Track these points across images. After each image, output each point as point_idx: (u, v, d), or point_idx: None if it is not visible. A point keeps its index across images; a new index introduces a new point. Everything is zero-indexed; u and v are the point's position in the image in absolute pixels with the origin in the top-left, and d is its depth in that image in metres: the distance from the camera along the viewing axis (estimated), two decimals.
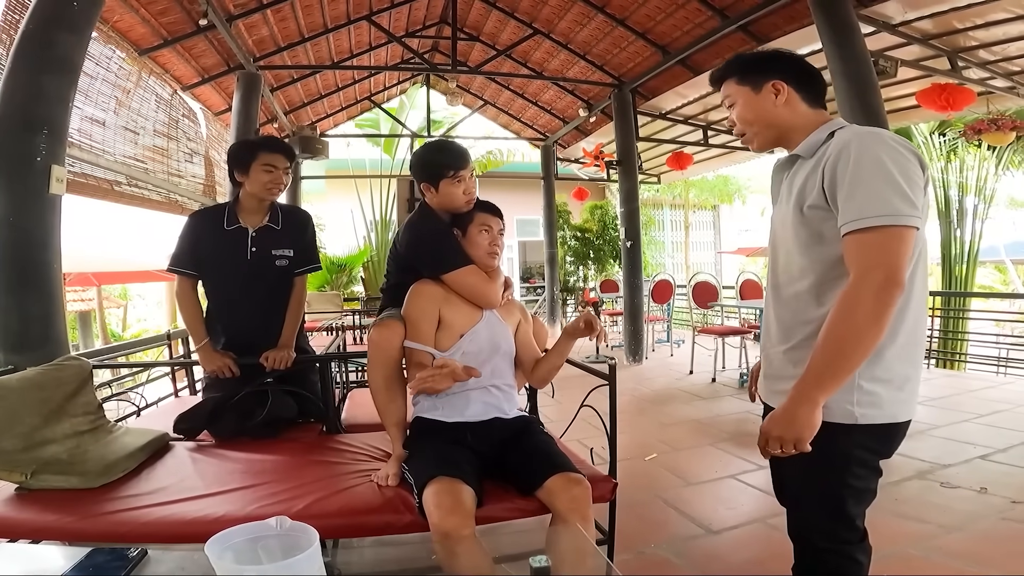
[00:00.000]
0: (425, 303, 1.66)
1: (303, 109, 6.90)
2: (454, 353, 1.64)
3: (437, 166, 1.71)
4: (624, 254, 6.12)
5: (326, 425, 2.10)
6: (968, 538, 2.00)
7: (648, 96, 6.18)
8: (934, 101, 3.78)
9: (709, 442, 3.17)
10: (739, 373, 4.82)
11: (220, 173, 5.24)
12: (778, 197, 1.22)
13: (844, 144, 1.02)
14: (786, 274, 1.15)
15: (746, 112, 1.19)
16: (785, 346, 1.13)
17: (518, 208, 12.08)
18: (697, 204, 13.77)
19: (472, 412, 1.65)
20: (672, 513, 2.30)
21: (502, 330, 1.73)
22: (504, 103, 8.28)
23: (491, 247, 1.71)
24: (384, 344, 1.62)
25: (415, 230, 1.76)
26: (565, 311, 9.89)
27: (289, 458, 1.79)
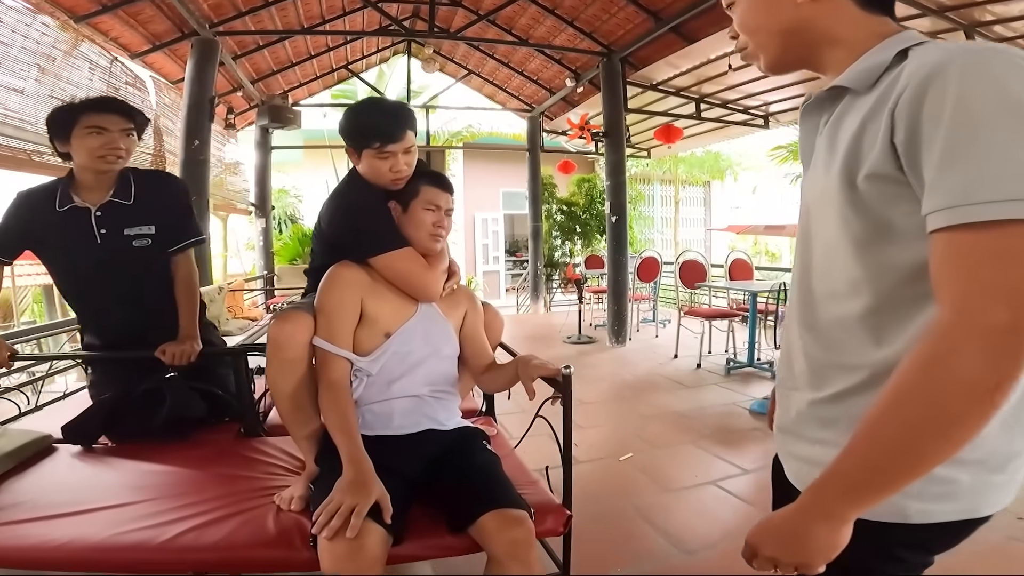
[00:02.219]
0: (343, 291, 1.38)
1: (273, 78, 6.52)
2: (378, 358, 1.39)
3: (359, 133, 1.43)
4: (609, 229, 5.87)
5: (245, 426, 1.84)
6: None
7: (638, 66, 5.85)
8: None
9: (690, 439, 2.99)
10: (726, 359, 4.64)
11: (173, 142, 4.92)
12: (812, 157, 0.76)
13: (934, 69, 0.56)
14: (824, 283, 0.72)
15: (748, 13, 0.77)
16: (813, 395, 0.73)
17: (503, 180, 11.80)
18: (687, 180, 13.48)
19: (400, 423, 1.41)
20: (644, 527, 2.11)
21: (442, 328, 1.48)
22: (489, 73, 7.89)
23: (435, 228, 1.44)
24: (285, 342, 1.35)
25: (339, 202, 1.49)
26: (550, 286, 9.67)
27: (191, 468, 1.56)
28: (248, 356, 1.83)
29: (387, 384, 1.41)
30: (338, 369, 1.37)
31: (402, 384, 1.42)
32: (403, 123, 1.43)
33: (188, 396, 1.78)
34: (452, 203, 1.49)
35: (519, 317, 8.64)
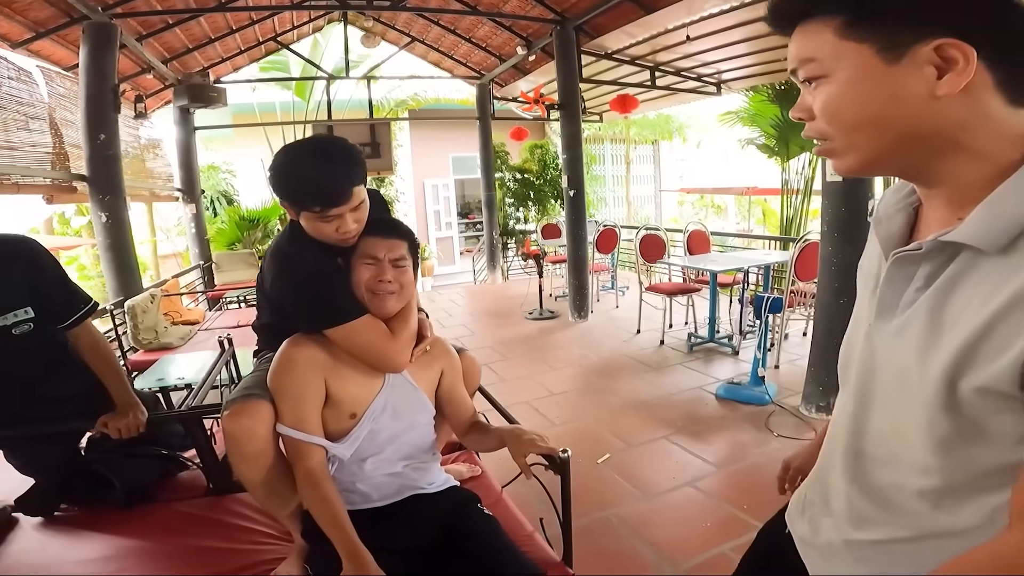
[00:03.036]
0: (304, 375, 1.21)
1: (190, 55, 5.89)
2: (352, 443, 1.26)
3: (293, 196, 1.21)
4: (567, 203, 5.75)
5: (212, 482, 1.69)
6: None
7: (593, 35, 5.61)
8: None
9: (663, 433, 3.00)
10: (687, 334, 4.70)
11: (76, 134, 4.36)
12: (893, 306, 0.62)
13: None
14: (883, 451, 0.66)
15: (855, 102, 0.55)
16: (851, 535, 0.70)
17: (453, 146, 11.44)
18: (638, 140, 13.45)
19: (380, 496, 1.30)
20: (633, 542, 2.10)
21: (415, 399, 1.33)
22: (434, 39, 7.39)
23: (376, 284, 1.22)
24: (245, 437, 1.19)
25: (283, 265, 1.28)
26: (506, 255, 9.55)
27: (168, 539, 1.45)
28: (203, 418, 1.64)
29: (358, 464, 1.29)
30: (314, 457, 1.23)
31: (374, 463, 1.30)
32: (347, 178, 1.19)
33: (136, 466, 1.61)
34: (400, 250, 1.25)
35: (477, 288, 8.51)
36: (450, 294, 7.58)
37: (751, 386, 3.43)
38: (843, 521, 0.72)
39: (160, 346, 3.51)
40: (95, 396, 1.58)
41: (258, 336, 1.49)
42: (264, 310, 1.44)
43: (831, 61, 0.55)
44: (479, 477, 1.77)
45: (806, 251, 4.02)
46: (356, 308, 1.22)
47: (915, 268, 0.59)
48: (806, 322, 4.65)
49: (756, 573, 1.06)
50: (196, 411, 1.63)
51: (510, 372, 4.18)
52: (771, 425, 3.02)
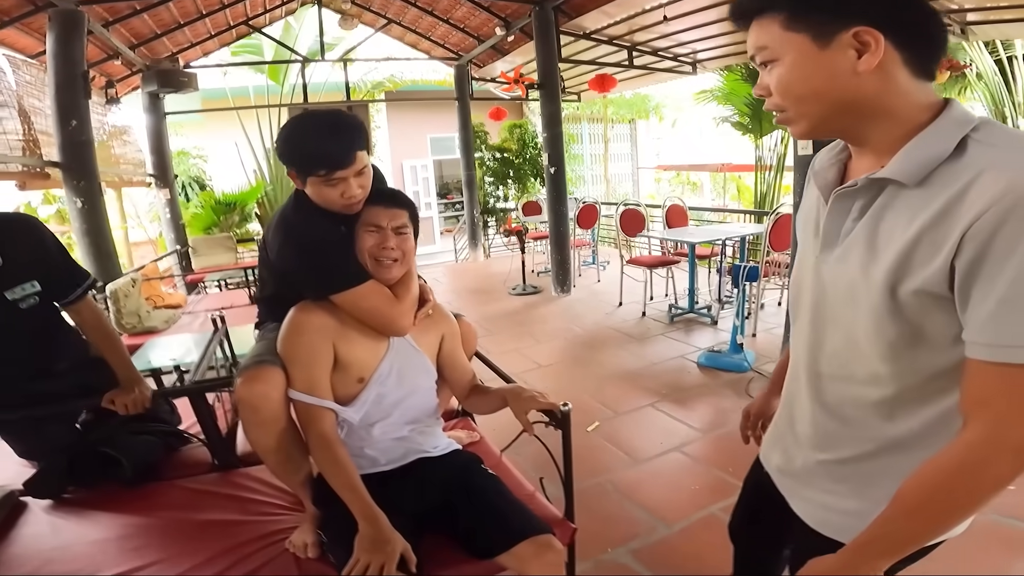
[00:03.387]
0: (314, 339, 1.26)
1: (158, 41, 5.70)
2: (360, 407, 1.30)
3: (300, 159, 1.25)
4: (548, 180, 5.79)
5: (217, 458, 1.72)
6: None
7: (572, 15, 5.59)
8: None
9: (648, 401, 3.11)
10: (668, 305, 4.82)
11: (45, 122, 4.24)
12: (837, 240, 0.75)
13: (1018, 201, 0.56)
14: (841, 369, 0.78)
15: (798, 79, 0.68)
16: (824, 455, 0.82)
17: (431, 126, 11.32)
18: (615, 119, 13.48)
19: (387, 460, 1.36)
20: (624, 504, 2.20)
21: (418, 362, 1.38)
22: (411, 21, 7.26)
23: (379, 251, 1.27)
24: (259, 403, 1.23)
25: (288, 233, 1.31)
26: (487, 233, 9.56)
27: (179, 515, 1.47)
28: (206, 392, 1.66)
29: (365, 429, 1.34)
30: (326, 421, 1.27)
31: (382, 427, 1.35)
32: (352, 143, 1.24)
33: (141, 444, 1.63)
34: (402, 219, 1.30)
35: (459, 267, 8.53)
36: (432, 273, 7.58)
37: (731, 354, 3.56)
38: (811, 446, 0.84)
39: (145, 330, 3.48)
40: (90, 373, 1.59)
41: (260, 308, 1.51)
42: (267, 282, 1.46)
43: (779, 48, 0.69)
44: (478, 443, 1.83)
45: (779, 223, 4.15)
46: (361, 273, 1.26)
47: (851, 203, 0.73)
48: (781, 292, 4.81)
49: (749, 528, 1.16)
50: (201, 384, 1.65)
51: (497, 346, 4.25)
52: (751, 391, 3.15)
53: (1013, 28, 4.51)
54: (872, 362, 0.72)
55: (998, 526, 1.90)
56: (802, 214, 0.88)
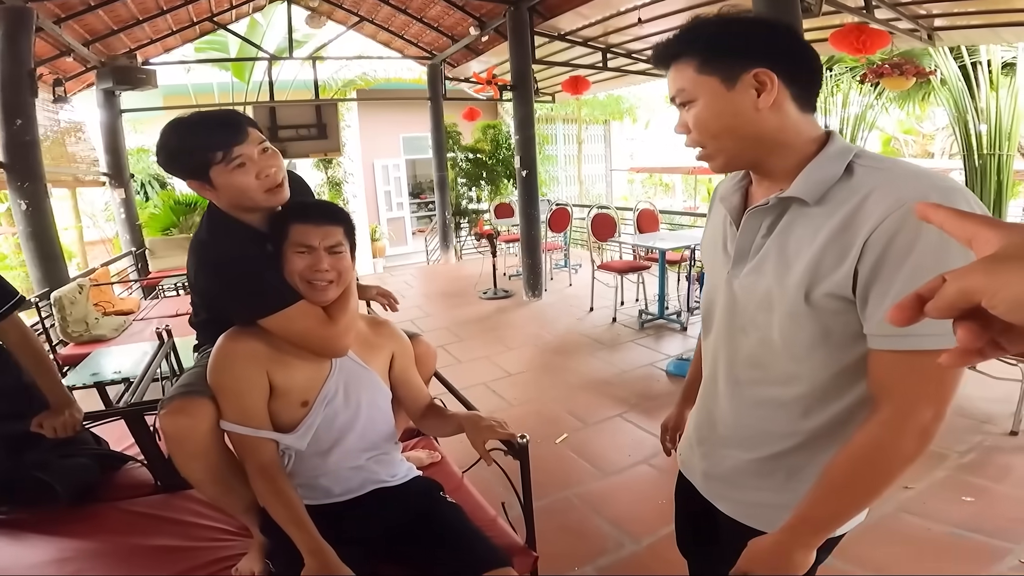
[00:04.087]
0: (243, 369, 1.16)
1: (115, 37, 5.47)
2: (304, 433, 1.21)
3: (191, 152, 1.14)
4: (520, 183, 5.74)
5: (160, 479, 1.61)
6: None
7: (547, 15, 5.54)
8: (849, 43, 3.58)
9: (618, 411, 3.08)
10: (638, 311, 4.82)
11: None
12: (749, 255, 0.82)
13: (908, 212, 0.65)
14: (756, 371, 0.85)
15: (711, 117, 0.77)
16: (750, 455, 0.88)
17: (403, 126, 11.18)
18: (589, 120, 13.50)
19: (342, 491, 1.27)
20: (594, 519, 2.16)
21: (367, 380, 1.29)
22: (384, 19, 7.11)
23: (313, 274, 1.16)
24: (185, 437, 1.14)
25: (205, 256, 1.20)
26: (459, 234, 9.46)
27: (115, 539, 1.38)
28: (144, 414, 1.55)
29: (320, 457, 1.25)
30: (265, 452, 1.18)
31: (337, 456, 1.26)
32: (236, 121, 1.15)
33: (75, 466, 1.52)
34: (336, 236, 1.18)
35: (431, 269, 8.42)
36: (403, 275, 7.46)
37: None
38: (736, 446, 0.90)
39: (92, 339, 3.30)
40: (22, 397, 1.47)
41: (197, 332, 1.41)
42: (198, 308, 1.36)
43: (695, 89, 0.77)
44: (439, 463, 1.76)
45: None
46: (288, 295, 1.16)
47: (760, 221, 0.82)
48: None
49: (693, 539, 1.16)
50: (136, 407, 1.53)
51: (466, 354, 4.17)
52: None
53: (979, 34, 4.59)
54: (787, 363, 0.80)
55: (956, 539, 1.92)
56: (708, 237, 0.97)
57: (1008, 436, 2.56)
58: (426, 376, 1.55)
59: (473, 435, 1.22)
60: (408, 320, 5.12)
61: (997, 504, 2.09)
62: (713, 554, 1.10)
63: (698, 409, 1.00)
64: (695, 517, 1.08)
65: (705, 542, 1.11)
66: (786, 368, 0.81)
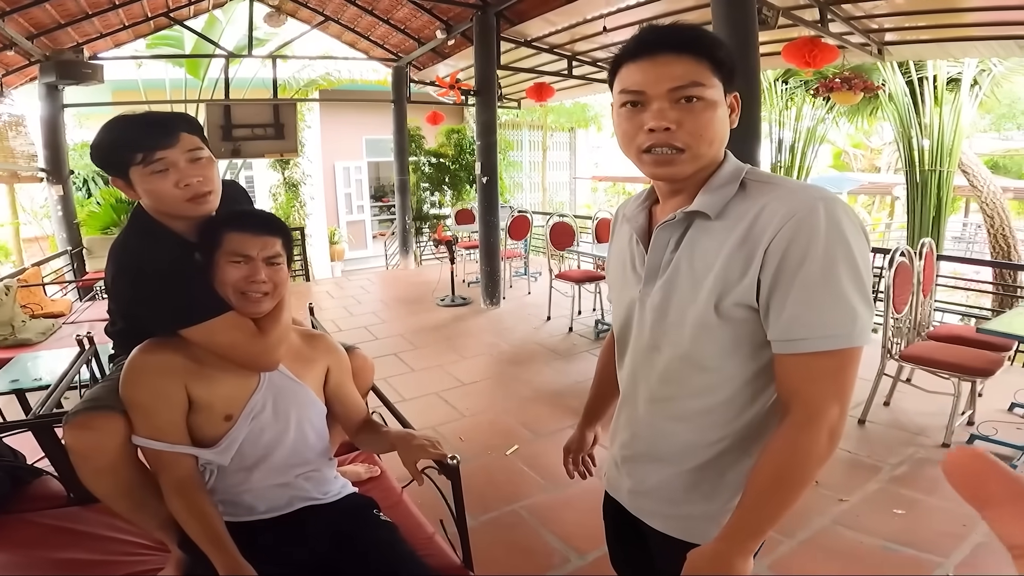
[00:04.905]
0: (158, 383, 1.09)
1: (62, 31, 5.21)
2: (226, 448, 1.14)
3: (114, 149, 1.09)
4: (480, 190, 5.72)
5: (73, 491, 1.51)
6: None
7: (515, 21, 5.54)
8: (800, 56, 3.67)
9: (570, 422, 3.05)
10: (595, 320, 4.84)
11: None
12: (659, 271, 0.84)
13: (804, 219, 0.70)
14: (672, 386, 0.87)
15: (715, 124, 0.77)
16: (675, 468, 0.89)
17: (367, 128, 11.03)
18: (555, 127, 13.60)
19: (268, 508, 1.21)
20: (540, 533, 2.13)
21: (299, 394, 1.23)
22: (349, 19, 6.97)
23: (248, 285, 1.11)
24: (90, 453, 1.07)
25: (124, 261, 1.14)
26: (419, 240, 9.36)
27: (23, 552, 1.30)
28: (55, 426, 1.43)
29: (244, 473, 1.19)
30: (181, 466, 1.11)
31: (263, 472, 1.20)
32: (172, 123, 1.10)
33: None
34: (275, 247, 1.15)
35: (390, 274, 8.28)
36: (360, 280, 7.31)
37: None
38: (663, 460, 0.91)
39: (16, 343, 3.10)
40: None
41: (113, 342, 1.32)
42: (115, 315, 1.27)
43: (712, 91, 0.76)
44: (378, 478, 1.71)
45: None
46: (214, 305, 1.10)
47: (668, 236, 0.83)
48: None
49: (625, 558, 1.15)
50: (45, 419, 1.43)
51: (420, 362, 4.10)
52: None
53: (927, 49, 4.74)
54: (701, 374, 0.82)
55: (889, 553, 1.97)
56: (614, 258, 0.98)
57: (940, 448, 2.65)
58: (363, 390, 1.50)
59: (404, 454, 1.18)
60: (363, 327, 5.01)
61: (928, 517, 2.15)
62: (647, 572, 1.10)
63: (620, 428, 1.00)
64: (625, 536, 1.08)
65: (636, 561, 1.11)
66: (700, 380, 0.83)
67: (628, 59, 0.79)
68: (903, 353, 2.88)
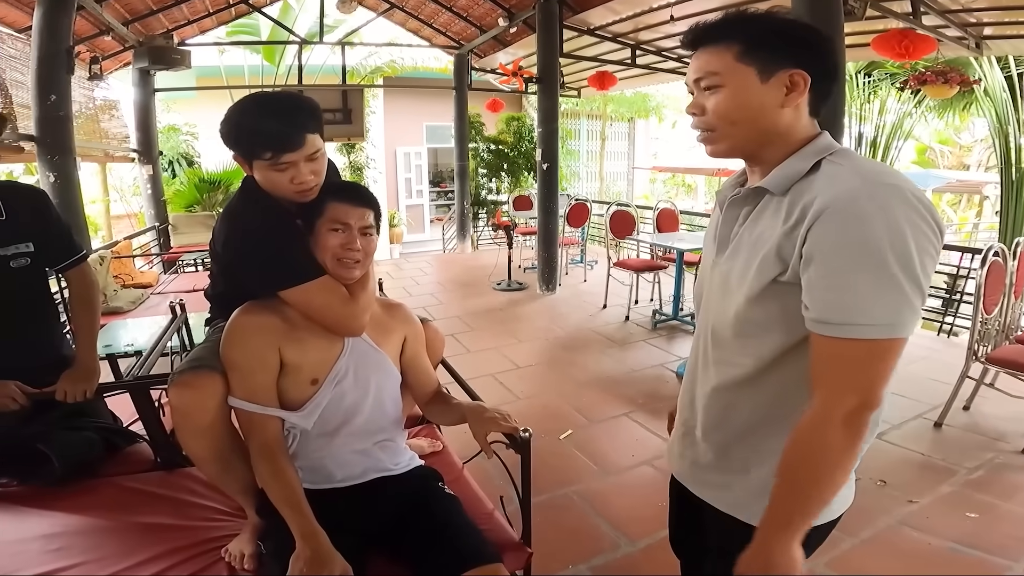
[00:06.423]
0: (256, 343, 1.17)
1: (153, 17, 5.55)
2: (311, 411, 1.21)
3: (244, 142, 1.16)
4: (540, 176, 5.71)
5: (160, 455, 1.62)
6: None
7: (577, 9, 5.48)
8: (892, 48, 3.47)
9: (624, 410, 3.05)
10: (652, 311, 4.77)
11: (24, 95, 4.15)
12: (731, 243, 0.87)
13: (850, 201, 0.70)
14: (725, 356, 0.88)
15: (734, 105, 0.79)
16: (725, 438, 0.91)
17: (427, 114, 11.22)
18: (614, 116, 13.36)
19: (344, 476, 1.27)
20: (592, 518, 2.15)
21: (379, 362, 1.29)
22: (414, 7, 7.10)
23: (345, 251, 1.19)
24: (193, 412, 1.15)
25: (235, 226, 1.23)
26: (476, 225, 9.47)
27: (106, 515, 1.38)
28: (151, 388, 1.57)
29: (326, 438, 1.25)
30: (269, 429, 1.19)
31: (343, 437, 1.26)
32: (301, 124, 1.16)
33: (79, 441, 1.53)
34: (370, 219, 1.23)
35: (446, 257, 8.44)
36: (418, 262, 7.49)
37: None
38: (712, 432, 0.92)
39: (109, 311, 3.37)
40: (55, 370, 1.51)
41: (212, 305, 1.43)
42: (217, 279, 1.38)
43: (728, 76, 0.79)
44: (440, 452, 1.75)
45: None
46: (314, 268, 1.18)
47: (738, 211, 0.87)
48: None
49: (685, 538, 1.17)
50: (143, 380, 1.55)
51: (476, 344, 4.18)
52: None
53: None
54: (744, 345, 0.84)
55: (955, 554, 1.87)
56: (708, 231, 1.01)
57: (1019, 454, 2.49)
58: (434, 362, 1.55)
59: (476, 427, 1.22)
60: (420, 308, 5.14)
61: (1001, 521, 2.04)
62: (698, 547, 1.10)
63: (682, 394, 1.02)
64: (684, 514, 1.09)
65: (692, 541, 1.12)
66: (743, 351, 0.84)
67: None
68: (990, 356, 2.72)
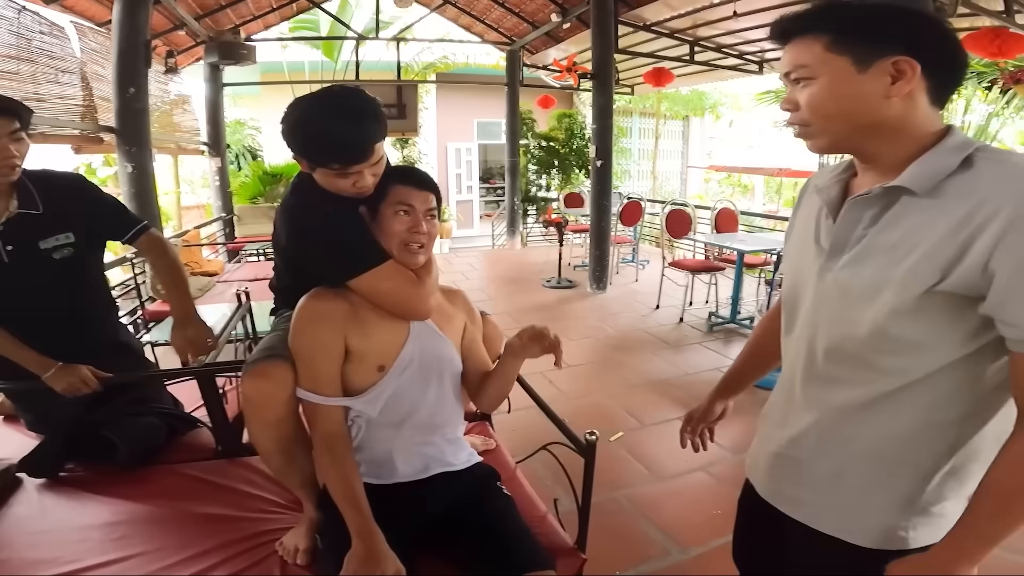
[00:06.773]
0: (322, 331, 1.16)
1: (222, 12, 5.80)
2: (377, 398, 1.20)
3: (311, 151, 1.14)
4: (593, 174, 5.63)
5: (221, 444, 1.66)
6: None
7: (632, 5, 5.38)
8: (984, 47, 3.27)
9: (677, 414, 2.96)
10: (708, 313, 4.63)
11: (106, 88, 4.37)
12: (843, 244, 0.79)
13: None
14: (841, 367, 0.81)
15: (831, 99, 0.73)
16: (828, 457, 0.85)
17: (479, 110, 11.29)
18: (669, 114, 13.05)
19: (407, 471, 1.25)
20: (641, 523, 2.09)
21: (441, 347, 1.27)
22: (466, 3, 7.17)
23: (411, 235, 1.18)
24: (265, 403, 1.16)
25: (297, 220, 1.22)
26: (526, 221, 9.46)
27: (166, 504, 1.41)
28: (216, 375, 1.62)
29: (392, 429, 1.23)
30: (332, 421, 1.18)
31: (408, 429, 1.24)
32: (371, 134, 1.12)
33: (142, 427, 1.59)
34: (432, 202, 1.21)
35: (496, 253, 8.46)
36: (468, 258, 7.54)
37: (772, 371, 3.36)
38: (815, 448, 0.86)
39: None
40: (115, 354, 1.58)
41: (276, 297, 1.46)
42: (282, 272, 1.40)
43: (819, 67, 0.73)
44: (493, 451, 1.72)
45: None
46: (377, 254, 1.18)
47: (862, 213, 0.78)
48: None
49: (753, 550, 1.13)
50: (209, 368, 1.60)
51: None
52: None
53: None
54: (879, 357, 0.76)
55: None
56: (797, 229, 0.93)
57: None
58: (492, 357, 1.53)
59: (524, 352, 1.21)
60: None
61: None
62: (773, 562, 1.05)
63: (774, 407, 0.96)
64: (757, 528, 1.04)
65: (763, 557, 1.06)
66: (886, 364, 0.76)
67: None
68: None
